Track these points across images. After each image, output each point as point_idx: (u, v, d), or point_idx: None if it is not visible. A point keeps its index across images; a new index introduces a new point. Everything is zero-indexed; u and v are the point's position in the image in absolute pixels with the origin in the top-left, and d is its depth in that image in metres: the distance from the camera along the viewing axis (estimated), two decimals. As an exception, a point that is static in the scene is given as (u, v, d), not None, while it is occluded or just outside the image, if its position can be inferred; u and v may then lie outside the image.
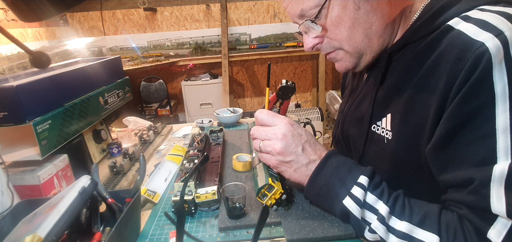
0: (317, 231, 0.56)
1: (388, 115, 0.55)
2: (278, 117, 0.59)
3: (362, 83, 0.66)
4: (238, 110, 1.26)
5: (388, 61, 0.56)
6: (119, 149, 0.99)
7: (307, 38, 0.57)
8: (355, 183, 0.51)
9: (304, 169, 0.56)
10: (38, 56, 0.85)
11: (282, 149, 0.55)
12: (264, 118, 0.60)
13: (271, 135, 0.57)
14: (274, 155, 0.57)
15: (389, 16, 0.53)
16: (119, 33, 3.17)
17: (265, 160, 0.60)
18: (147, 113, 3.14)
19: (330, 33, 0.54)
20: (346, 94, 0.77)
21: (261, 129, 0.59)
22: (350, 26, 0.52)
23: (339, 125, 0.74)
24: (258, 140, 0.60)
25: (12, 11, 0.75)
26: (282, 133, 0.56)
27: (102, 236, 0.52)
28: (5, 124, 0.66)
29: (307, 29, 0.55)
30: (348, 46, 0.54)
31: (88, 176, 0.55)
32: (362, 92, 0.65)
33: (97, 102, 0.93)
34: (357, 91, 0.69)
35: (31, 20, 0.71)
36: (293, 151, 0.56)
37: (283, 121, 0.57)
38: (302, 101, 3.59)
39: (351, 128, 0.67)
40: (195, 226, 0.62)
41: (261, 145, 0.59)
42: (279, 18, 3.23)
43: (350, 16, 0.51)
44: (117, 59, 1.10)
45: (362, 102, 0.64)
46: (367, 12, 0.51)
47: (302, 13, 0.53)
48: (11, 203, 0.61)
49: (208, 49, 3.27)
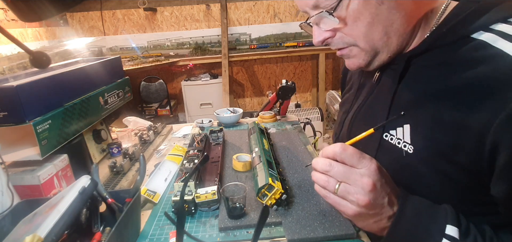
0: (318, 230, 0.56)
1: (406, 126, 0.50)
2: (366, 159, 0.47)
3: (372, 82, 0.62)
4: (238, 110, 1.26)
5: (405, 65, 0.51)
6: (119, 149, 0.99)
7: (317, 30, 0.53)
8: (443, 236, 0.44)
9: (385, 221, 0.48)
10: (38, 56, 0.85)
11: (369, 203, 0.46)
12: (348, 158, 0.47)
13: (356, 181, 0.46)
14: (355, 206, 0.47)
15: (413, 16, 0.49)
16: (119, 33, 3.17)
17: (337, 205, 0.49)
18: (147, 113, 3.14)
19: (346, 27, 0.50)
20: (351, 90, 0.72)
21: (340, 167, 0.47)
22: (370, 22, 0.48)
23: (343, 125, 0.69)
24: (333, 180, 0.48)
25: (12, 11, 0.75)
26: (371, 182, 0.45)
27: (102, 236, 0.52)
28: (5, 124, 0.66)
29: (320, 21, 0.51)
30: (363, 43, 0.51)
31: (88, 176, 0.55)
32: (373, 94, 0.61)
33: (97, 102, 0.93)
34: (365, 91, 0.64)
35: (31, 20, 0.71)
36: (379, 203, 0.47)
37: (372, 165, 0.46)
38: (302, 101, 3.59)
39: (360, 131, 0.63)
40: (195, 226, 0.62)
41: (339, 189, 0.47)
42: (279, 18, 3.23)
43: (371, 11, 0.47)
44: (117, 59, 1.10)
45: (373, 106, 0.59)
46: (390, 8, 0.47)
47: (317, 4, 0.49)
48: (11, 203, 0.61)
49: (208, 49, 3.27)
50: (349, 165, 0.47)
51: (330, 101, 3.18)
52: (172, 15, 3.16)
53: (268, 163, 0.71)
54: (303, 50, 3.28)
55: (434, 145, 0.47)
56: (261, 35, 3.25)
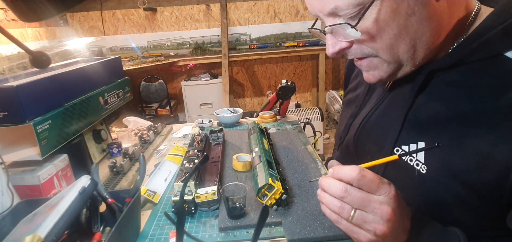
0: (318, 230, 0.56)
1: (421, 144, 0.47)
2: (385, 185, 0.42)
3: (382, 89, 0.58)
4: (238, 110, 1.26)
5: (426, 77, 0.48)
6: (119, 149, 0.99)
7: (331, 40, 0.47)
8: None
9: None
10: (38, 56, 0.85)
11: (386, 232, 0.41)
12: (367, 184, 0.41)
13: (375, 209, 0.41)
14: (372, 235, 0.42)
15: (445, 27, 0.44)
16: (119, 33, 3.18)
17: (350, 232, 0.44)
18: (147, 113, 3.14)
19: (368, 39, 0.44)
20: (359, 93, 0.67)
21: (358, 194, 0.42)
22: (396, 34, 0.42)
23: (349, 131, 0.65)
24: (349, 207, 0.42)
25: (12, 11, 0.75)
26: (390, 210, 0.41)
27: (102, 236, 0.52)
28: (5, 124, 0.66)
29: (337, 31, 0.45)
30: (387, 55, 0.45)
31: (88, 176, 0.55)
32: (384, 103, 0.57)
33: (97, 102, 0.93)
34: (375, 96, 0.60)
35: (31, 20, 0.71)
36: (397, 232, 0.42)
37: (392, 192, 0.41)
38: (302, 101, 3.59)
39: (369, 142, 0.58)
40: (195, 226, 0.62)
41: (355, 217, 0.42)
42: (279, 18, 3.23)
43: (399, 23, 0.41)
44: (117, 59, 1.10)
45: (386, 116, 0.55)
46: (421, 20, 0.42)
47: (336, 11, 0.43)
48: (11, 203, 0.61)
49: (208, 49, 3.27)
50: (366, 190, 0.42)
51: (330, 101, 3.19)
52: (172, 15, 3.16)
53: (268, 163, 0.71)
54: (303, 50, 3.28)
55: (451, 168, 0.44)
56: (261, 35, 3.25)
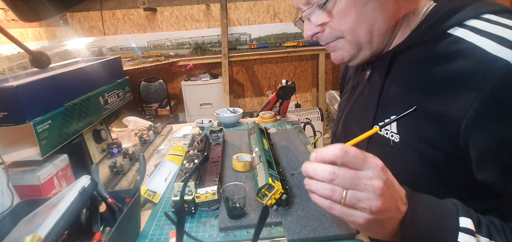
0: (318, 230, 0.56)
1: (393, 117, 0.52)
2: (370, 158, 0.42)
3: (364, 81, 0.67)
4: (238, 110, 1.26)
5: (390, 61, 0.56)
6: (119, 149, 0.99)
7: (308, 25, 0.57)
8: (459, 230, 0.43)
9: (396, 225, 0.45)
10: (38, 56, 0.85)
11: (381, 208, 0.41)
12: (352, 161, 0.41)
13: (365, 186, 0.41)
14: (367, 213, 0.42)
15: (394, 17, 0.53)
16: (119, 33, 3.17)
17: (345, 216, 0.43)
18: (147, 113, 3.14)
19: (334, 22, 0.54)
20: (347, 90, 0.76)
21: (346, 173, 0.41)
22: (356, 19, 0.52)
23: (339, 123, 0.74)
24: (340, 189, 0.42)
25: (12, 11, 0.75)
26: (381, 183, 0.41)
27: (102, 236, 0.52)
28: (5, 124, 0.66)
29: (311, 15, 0.55)
30: (350, 36, 0.55)
31: (88, 176, 0.55)
32: (364, 91, 0.65)
33: (97, 102, 0.93)
34: (358, 89, 0.69)
35: (31, 20, 0.71)
36: (390, 206, 0.42)
37: (378, 164, 0.42)
38: (302, 101, 3.59)
39: (354, 126, 0.66)
40: (195, 226, 0.62)
41: (347, 198, 0.41)
42: (279, 18, 3.23)
43: (357, 10, 0.51)
44: (117, 59, 1.10)
45: (364, 101, 0.64)
46: (374, 9, 0.51)
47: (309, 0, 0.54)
48: (11, 203, 0.61)
49: (208, 49, 3.27)
50: (353, 168, 0.42)
51: (330, 101, 3.18)
52: (172, 15, 3.16)
53: (268, 163, 0.71)
54: (303, 50, 3.28)
55: (419, 133, 0.51)
56: (261, 35, 3.25)
